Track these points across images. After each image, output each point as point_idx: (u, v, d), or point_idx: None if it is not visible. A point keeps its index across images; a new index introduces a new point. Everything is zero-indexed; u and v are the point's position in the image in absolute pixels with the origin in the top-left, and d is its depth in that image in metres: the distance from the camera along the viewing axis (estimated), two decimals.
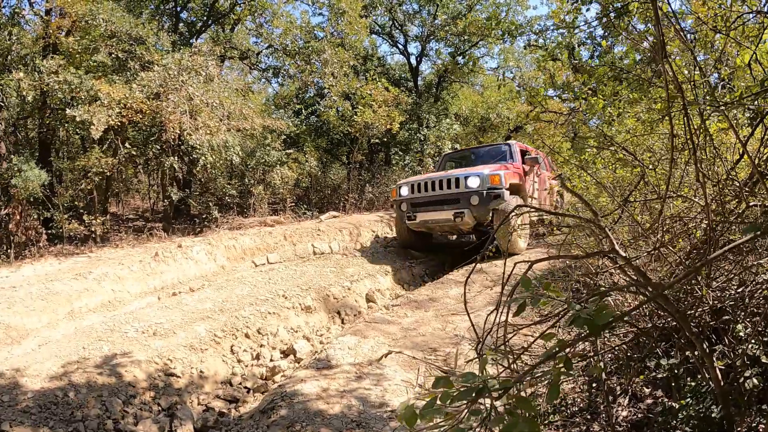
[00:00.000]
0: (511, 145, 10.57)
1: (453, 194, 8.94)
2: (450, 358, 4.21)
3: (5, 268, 8.46)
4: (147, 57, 10.50)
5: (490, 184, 8.53)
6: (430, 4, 18.39)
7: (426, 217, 9.25)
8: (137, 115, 9.68)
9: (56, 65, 9.35)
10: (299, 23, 15.70)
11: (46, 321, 6.30)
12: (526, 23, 9.00)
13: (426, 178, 9.68)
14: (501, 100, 19.68)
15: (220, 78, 11.50)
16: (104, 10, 10.11)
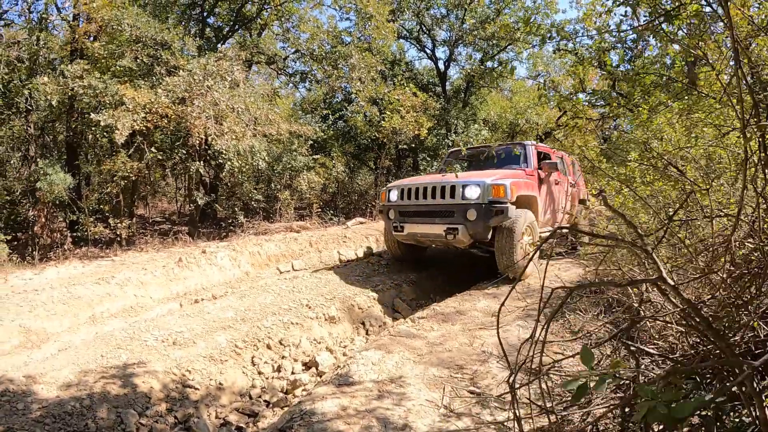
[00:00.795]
0: (527, 147, 8.97)
1: (446, 206, 7.59)
2: (477, 376, 4.01)
3: (30, 270, 8.49)
4: (173, 62, 10.50)
5: (492, 197, 7.14)
6: (458, 9, 18.18)
7: (414, 229, 7.94)
8: (162, 120, 9.67)
9: (81, 70, 9.40)
10: (326, 28, 15.63)
11: (67, 325, 6.26)
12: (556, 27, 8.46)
13: (417, 182, 8.23)
14: (530, 105, 19.34)
15: (245, 83, 11.46)
16: (129, 15, 10.15)
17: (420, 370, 4.16)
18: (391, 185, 8.75)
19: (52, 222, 10.21)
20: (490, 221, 7.11)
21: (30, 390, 4.17)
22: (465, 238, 7.32)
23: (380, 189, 14.44)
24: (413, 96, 15.39)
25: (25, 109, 11.30)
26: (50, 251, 9.81)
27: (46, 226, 9.95)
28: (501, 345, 2.19)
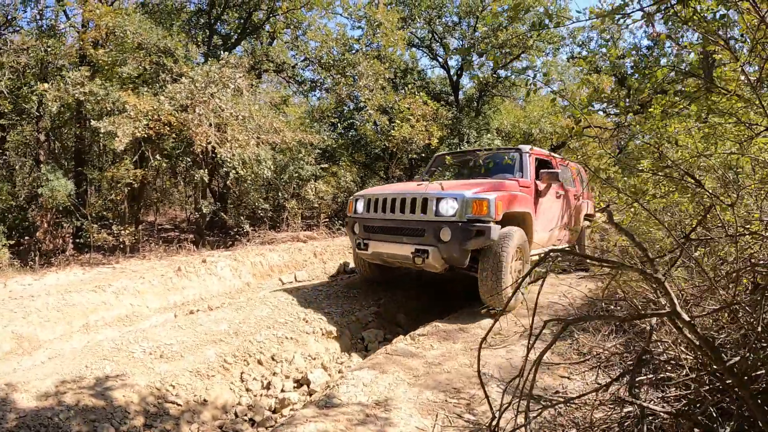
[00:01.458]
0: (523, 153, 7.61)
1: (416, 222, 6.34)
2: (474, 401, 3.74)
3: (30, 276, 8.39)
4: (176, 69, 10.38)
5: (472, 214, 5.90)
6: (469, 16, 18.02)
7: (380, 248, 6.75)
8: (165, 128, 9.53)
9: (81, 77, 9.29)
10: (335, 36, 15.49)
11: (59, 333, 6.13)
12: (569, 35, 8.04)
13: (386, 192, 6.97)
14: (544, 114, 19.07)
15: (250, 91, 11.31)
16: (132, 22, 10.04)
17: (413, 394, 3.90)
18: (357, 194, 7.60)
19: (56, 228, 10.11)
20: (468, 244, 5.89)
21: (9, 398, 4.02)
22: (437, 263, 6.11)
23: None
24: (424, 105, 15.20)
25: (35, 115, 11.26)
26: (52, 257, 9.71)
27: (49, 232, 9.86)
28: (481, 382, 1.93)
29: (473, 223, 5.86)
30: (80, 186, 10.86)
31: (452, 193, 6.07)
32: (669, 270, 2.53)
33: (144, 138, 9.50)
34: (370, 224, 6.97)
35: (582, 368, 4.17)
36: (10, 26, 11.07)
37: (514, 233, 6.14)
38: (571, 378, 4.05)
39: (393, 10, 15.55)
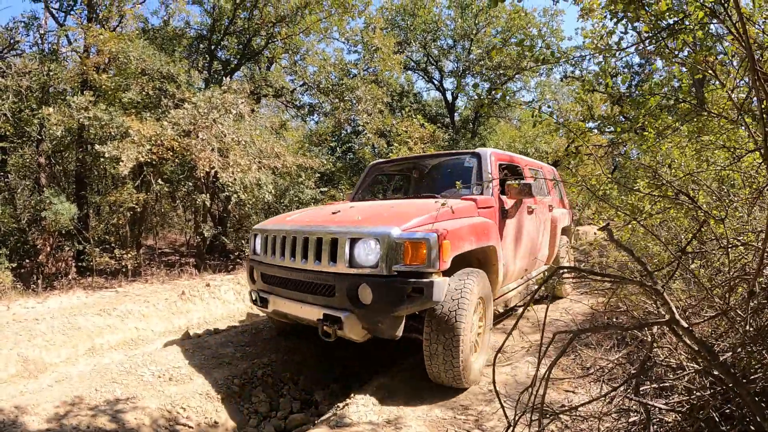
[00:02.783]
0: (483, 158, 5.81)
1: (324, 276, 4.45)
2: (483, 417, 3.82)
3: (33, 299, 8.43)
4: (179, 95, 10.55)
5: (404, 263, 4.04)
6: (464, 40, 18.34)
7: (282, 306, 4.91)
8: (168, 152, 9.66)
9: (86, 101, 9.44)
10: (333, 60, 15.74)
11: (65, 356, 6.17)
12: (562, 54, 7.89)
13: (284, 226, 5.09)
14: (539, 134, 19.33)
15: (251, 116, 11.48)
16: (135, 48, 10.24)
17: (422, 412, 3.98)
18: (257, 227, 5.66)
19: (58, 251, 10.17)
20: (400, 308, 3.98)
21: (19, 421, 4.05)
22: (355, 334, 4.23)
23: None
24: (421, 127, 15.41)
25: (36, 138, 11.40)
26: (55, 280, 9.75)
27: (52, 255, 9.92)
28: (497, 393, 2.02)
29: (406, 277, 3.98)
30: (82, 209, 10.94)
31: (373, 230, 4.18)
32: (667, 282, 2.64)
33: (146, 162, 9.62)
34: (269, 272, 5.12)
35: (586, 382, 4.26)
36: (13, 49, 11.22)
37: (472, 283, 4.32)
38: (575, 392, 4.13)
39: (389, 34, 15.88)
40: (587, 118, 4.88)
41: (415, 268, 4.00)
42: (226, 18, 14.47)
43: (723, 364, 2.06)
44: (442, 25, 19.06)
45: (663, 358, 3.15)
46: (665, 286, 2.47)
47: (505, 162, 6.43)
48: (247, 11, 14.35)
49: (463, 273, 4.47)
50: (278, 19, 14.19)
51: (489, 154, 5.91)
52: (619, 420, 3.10)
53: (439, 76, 19.55)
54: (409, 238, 4.04)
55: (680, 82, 3.27)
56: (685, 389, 2.78)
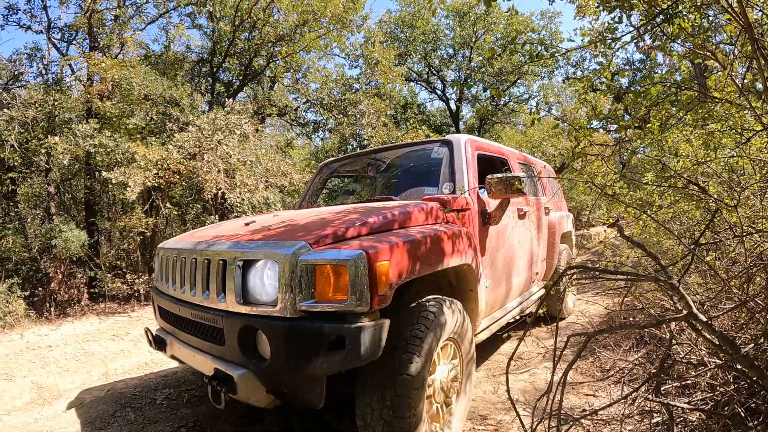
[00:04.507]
0: (456, 147, 4.51)
1: (211, 313, 3.10)
2: (502, 427, 3.74)
3: (46, 326, 8.44)
4: (183, 118, 10.63)
5: (315, 299, 2.65)
6: (464, 48, 18.40)
7: (178, 352, 3.56)
8: (175, 176, 9.70)
9: (91, 129, 9.53)
10: (335, 76, 15.82)
11: (79, 382, 6.14)
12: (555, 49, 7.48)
13: (181, 243, 3.85)
14: (545, 137, 19.29)
15: (256, 136, 11.53)
16: (137, 74, 10.34)
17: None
18: (161, 244, 4.31)
19: (70, 278, 10.22)
20: (312, 366, 2.61)
21: None
22: (257, 399, 2.90)
23: None
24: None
25: (44, 167, 11.51)
26: (68, 307, 9.79)
27: (64, 283, 9.97)
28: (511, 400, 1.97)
29: (319, 320, 2.67)
30: (92, 236, 11.00)
31: (270, 249, 2.88)
32: (682, 276, 2.58)
33: (154, 187, 9.67)
34: (164, 305, 3.85)
35: (606, 384, 4.18)
36: (17, 81, 11.37)
37: (435, 325, 3.07)
38: (596, 395, 4.05)
39: (389, 47, 15.97)
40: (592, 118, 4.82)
41: (333, 305, 2.61)
42: (226, 40, 14.59)
43: (745, 356, 2.00)
44: (441, 34, 19.18)
45: (683, 355, 3.09)
46: (681, 280, 2.41)
47: (487, 153, 5.00)
48: (246, 32, 14.46)
49: (420, 307, 3.16)
50: (278, 39, 14.29)
51: (464, 141, 4.56)
52: (641, 422, 3.03)
53: (441, 86, 19.65)
54: (321, 259, 2.65)
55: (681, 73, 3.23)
56: (708, 386, 2.72)
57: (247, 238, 3.21)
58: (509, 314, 4.98)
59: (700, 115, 3.29)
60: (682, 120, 3.54)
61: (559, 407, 2.40)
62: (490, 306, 4.36)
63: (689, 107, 3.11)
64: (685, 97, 3.21)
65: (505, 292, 4.84)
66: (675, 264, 3.11)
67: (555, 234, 6.51)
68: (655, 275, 2.34)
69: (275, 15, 14.30)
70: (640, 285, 4.23)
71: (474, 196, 4.23)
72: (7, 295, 8.58)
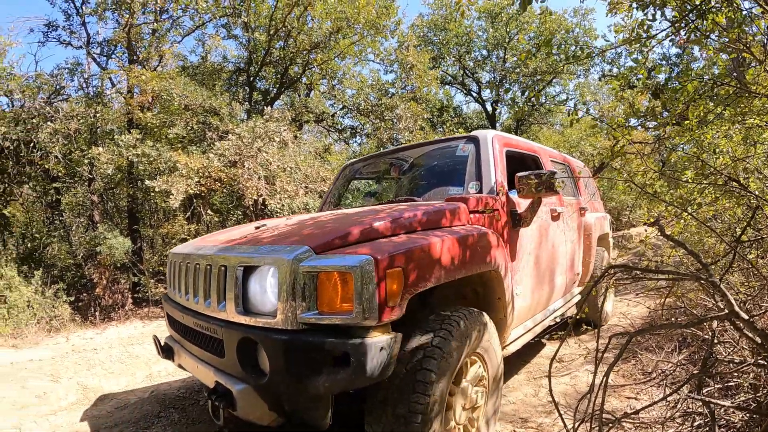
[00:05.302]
0: (482, 144, 4.18)
1: (212, 323, 2.89)
2: (542, 429, 3.72)
3: (91, 330, 8.72)
4: (222, 127, 10.85)
5: (318, 310, 2.41)
6: (498, 49, 18.28)
7: (185, 362, 3.39)
8: (216, 183, 9.91)
9: (134, 139, 9.83)
10: (370, 82, 15.93)
11: (123, 384, 6.30)
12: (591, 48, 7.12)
13: (188, 248, 3.63)
14: (583, 137, 18.99)
15: (295, 142, 11.69)
16: (177, 85, 10.62)
17: None
18: (174, 249, 4.02)
19: (114, 284, 10.52)
20: (314, 384, 2.38)
21: None
22: (259, 417, 2.61)
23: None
24: None
25: (87, 177, 11.90)
26: (112, 311, 10.07)
27: (108, 288, 10.25)
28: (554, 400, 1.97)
29: (321, 334, 2.42)
30: (135, 243, 11.29)
31: (270, 253, 2.66)
32: (724, 274, 2.53)
33: (195, 194, 9.90)
34: (172, 313, 3.64)
35: (648, 387, 4.11)
36: (59, 95, 11.73)
37: (450, 338, 2.72)
38: (637, 398, 3.99)
39: (423, 50, 15.97)
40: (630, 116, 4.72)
41: (337, 318, 2.38)
42: (261, 50, 14.86)
43: None
44: (474, 36, 19.10)
45: (726, 355, 3.02)
46: (722, 278, 2.37)
47: (517, 149, 4.63)
48: (281, 41, 14.68)
49: (439, 318, 2.85)
50: (313, 46, 14.45)
51: (491, 137, 4.26)
52: (683, 424, 2.97)
53: (476, 88, 19.56)
54: (324, 266, 2.41)
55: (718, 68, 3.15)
56: (751, 386, 2.65)
57: (251, 243, 3.01)
58: (542, 323, 4.63)
59: (739, 110, 3.21)
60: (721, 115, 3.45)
61: (601, 408, 2.38)
62: (521, 315, 4.04)
63: (727, 102, 3.05)
64: (722, 92, 3.14)
65: (538, 299, 4.46)
66: (716, 262, 3.05)
67: (591, 236, 6.08)
68: (697, 274, 2.30)
69: (309, 23, 14.48)
70: (682, 285, 4.15)
71: (502, 196, 3.89)
72: (54, 300, 8.88)
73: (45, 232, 11.86)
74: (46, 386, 5.65)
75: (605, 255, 6.73)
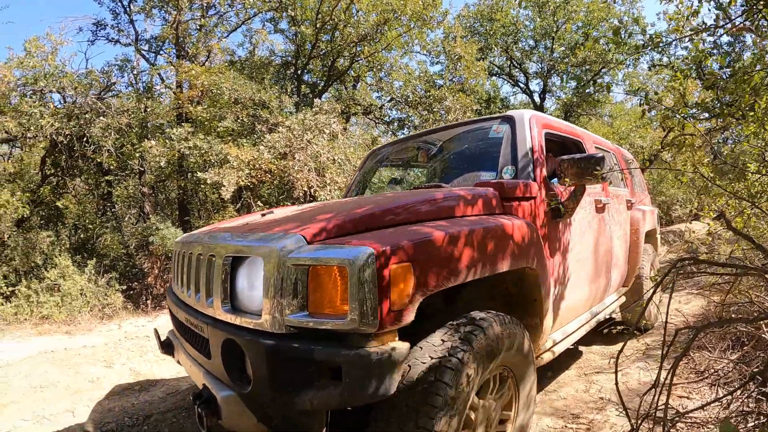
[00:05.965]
0: (518, 124, 3.66)
1: (200, 319, 2.58)
2: (594, 426, 3.67)
3: (143, 317, 8.95)
4: (272, 120, 11.00)
5: (310, 308, 2.03)
6: (545, 39, 17.95)
7: (182, 359, 3.04)
8: (266, 175, 10.07)
9: (185, 133, 10.06)
10: (417, 73, 15.85)
11: (175, 371, 6.41)
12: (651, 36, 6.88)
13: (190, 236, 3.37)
14: (632, 128, 18.50)
15: (344, 134, 11.76)
16: (227, 80, 10.83)
17: (532, 421, 3.87)
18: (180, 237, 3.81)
19: (165, 273, 10.79)
20: (301, 399, 1.99)
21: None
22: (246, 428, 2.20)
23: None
24: None
25: (138, 170, 12.25)
26: (163, 300, 10.30)
27: (159, 277, 10.50)
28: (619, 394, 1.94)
29: (310, 341, 2.04)
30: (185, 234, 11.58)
31: (259, 242, 2.30)
32: None
33: (245, 186, 10.08)
34: (172, 307, 3.35)
35: (700, 386, 4.01)
36: (110, 91, 12.08)
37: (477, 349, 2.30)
38: (690, 398, 3.90)
39: (470, 41, 15.80)
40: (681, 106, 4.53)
41: (329, 322, 1.99)
42: (308, 43, 14.98)
43: None
44: (521, 26, 18.82)
45: None
46: None
47: (558, 132, 4.12)
48: (328, 34, 14.76)
49: (460, 326, 2.38)
50: (360, 39, 14.48)
51: (528, 117, 3.74)
52: (737, 425, 2.88)
53: (524, 79, 19.31)
54: (314, 258, 2.03)
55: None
56: None
57: (244, 230, 2.67)
58: (583, 327, 4.16)
59: None
60: None
61: (665, 406, 2.33)
62: (559, 318, 3.58)
63: None
64: None
65: (579, 301, 3.99)
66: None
67: (638, 231, 5.49)
68: (763, 266, 2.23)
69: (355, 15, 14.51)
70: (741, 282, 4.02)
71: (541, 182, 3.38)
72: (106, 289, 9.17)
73: (97, 223, 12.26)
74: (100, 372, 5.79)
75: (652, 252, 6.18)
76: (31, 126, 9.77)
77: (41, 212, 11.84)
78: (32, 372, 5.53)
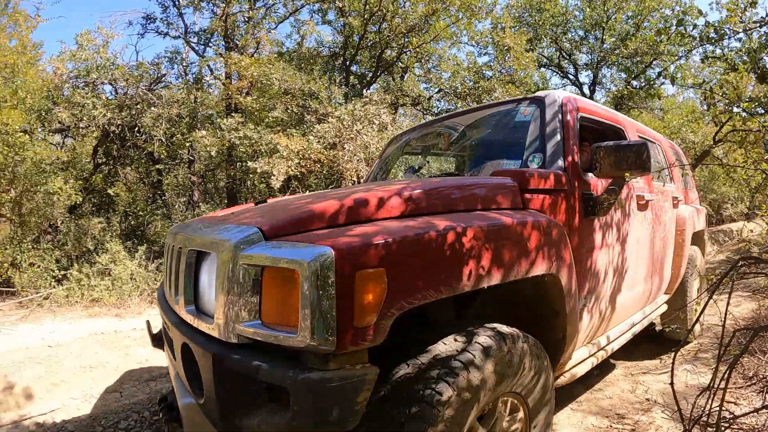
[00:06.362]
0: (548, 107, 3.16)
1: (168, 317, 2.43)
2: (639, 427, 3.63)
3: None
4: (321, 110, 11.09)
5: (263, 317, 1.71)
6: (596, 29, 17.59)
7: (167, 353, 2.76)
8: (315, 165, 10.18)
9: (236, 123, 10.23)
10: (466, 64, 15.75)
11: None
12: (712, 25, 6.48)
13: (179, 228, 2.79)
14: (684, 123, 18.03)
15: (393, 125, 11.78)
16: (276, 71, 10.97)
17: (577, 419, 3.86)
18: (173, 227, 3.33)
19: None
20: (249, 423, 1.68)
21: None
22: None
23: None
24: None
25: (188, 159, 12.49)
26: None
27: None
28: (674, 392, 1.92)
29: (259, 355, 1.72)
30: None
31: (220, 232, 2.03)
32: None
33: (294, 176, 10.21)
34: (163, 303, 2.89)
35: (748, 392, 3.94)
36: (160, 82, 12.36)
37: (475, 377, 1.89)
38: (737, 403, 3.82)
39: (518, 32, 15.62)
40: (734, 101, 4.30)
41: (279, 335, 1.66)
42: (356, 34, 15.02)
43: None
44: (570, 16, 18.51)
45: None
46: None
47: (595, 117, 3.57)
48: (376, 25, 14.76)
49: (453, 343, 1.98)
50: (408, 30, 14.46)
51: (560, 98, 3.24)
52: None
53: (573, 71, 18.99)
54: (267, 257, 1.71)
55: None
56: None
57: (217, 221, 2.39)
58: (617, 340, 3.71)
59: None
60: None
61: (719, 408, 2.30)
62: (588, 332, 3.09)
63: None
64: None
65: (613, 312, 3.45)
66: None
67: (684, 233, 4.89)
68: None
69: (403, 6, 14.47)
70: None
71: (572, 173, 2.92)
72: (156, 274, 9.37)
73: (148, 211, 12.55)
74: (148, 354, 5.87)
75: (699, 256, 5.54)
76: (84, 116, 10.10)
77: (93, 199, 12.27)
78: (83, 353, 5.65)
